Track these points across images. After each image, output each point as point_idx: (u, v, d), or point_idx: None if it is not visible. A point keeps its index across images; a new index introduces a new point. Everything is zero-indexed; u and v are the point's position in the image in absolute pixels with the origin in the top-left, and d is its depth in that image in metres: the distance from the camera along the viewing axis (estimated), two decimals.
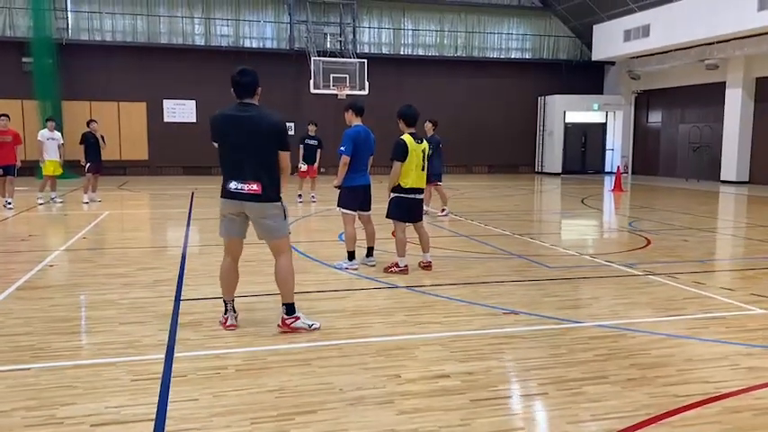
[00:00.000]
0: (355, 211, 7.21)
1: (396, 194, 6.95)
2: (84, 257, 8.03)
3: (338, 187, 7.17)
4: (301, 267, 7.49)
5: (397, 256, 7.01)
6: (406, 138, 6.86)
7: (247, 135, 4.70)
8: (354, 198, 7.13)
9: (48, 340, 4.69)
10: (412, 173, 6.86)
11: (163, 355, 4.37)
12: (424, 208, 12.09)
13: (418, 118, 7.04)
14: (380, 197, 7.56)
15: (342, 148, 6.96)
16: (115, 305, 5.71)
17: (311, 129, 14.70)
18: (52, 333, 4.87)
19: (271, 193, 4.77)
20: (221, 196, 4.87)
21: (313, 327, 4.94)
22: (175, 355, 4.39)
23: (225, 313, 5.07)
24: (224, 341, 4.71)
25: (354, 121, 7.12)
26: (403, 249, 7.02)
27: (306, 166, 14.55)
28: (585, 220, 13.17)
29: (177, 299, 5.92)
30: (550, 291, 6.33)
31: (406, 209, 6.98)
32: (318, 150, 14.55)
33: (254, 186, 4.72)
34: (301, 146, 14.54)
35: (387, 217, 7.10)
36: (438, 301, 5.89)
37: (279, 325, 4.94)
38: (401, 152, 6.77)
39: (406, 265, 7.00)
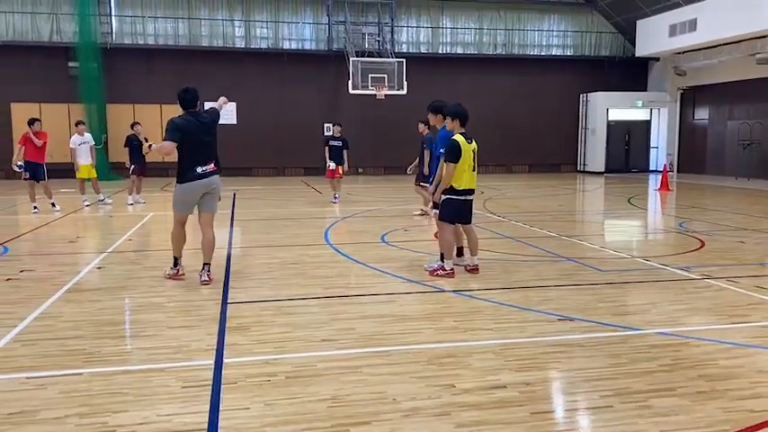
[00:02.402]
0: None
1: (447, 196, 6.79)
2: (130, 259, 8.09)
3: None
4: (349, 270, 7.42)
5: (444, 258, 6.86)
6: (459, 138, 6.70)
7: (206, 133, 6.59)
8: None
9: (98, 344, 4.69)
10: (465, 174, 6.70)
11: (212, 361, 4.32)
12: (424, 209, 11.95)
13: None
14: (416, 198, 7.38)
15: (441, 150, 7.01)
16: (162, 308, 5.70)
17: (336, 130, 14.60)
18: (102, 337, 4.87)
19: (219, 169, 6.73)
20: (188, 180, 6.48)
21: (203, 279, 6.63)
22: (224, 360, 4.34)
23: (175, 266, 6.81)
24: (273, 346, 4.64)
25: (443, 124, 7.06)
26: (450, 252, 6.87)
27: (334, 165, 14.48)
28: (633, 220, 12.80)
29: (224, 302, 5.89)
30: (604, 296, 6.11)
31: (457, 210, 6.81)
32: (345, 151, 14.40)
33: (213, 165, 6.61)
34: (326, 147, 14.50)
35: (439, 219, 6.95)
36: (487, 307, 5.73)
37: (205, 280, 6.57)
38: (455, 153, 6.62)
39: (452, 269, 6.84)
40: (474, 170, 6.87)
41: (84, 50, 21.78)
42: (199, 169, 6.47)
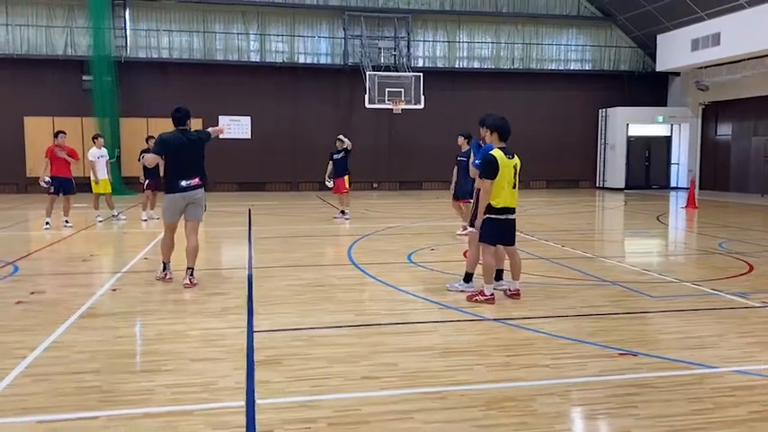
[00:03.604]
0: None
1: (486, 215, 6.33)
2: (146, 280, 7.64)
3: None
4: (380, 295, 6.96)
5: (484, 282, 6.38)
6: (497, 153, 6.26)
7: (192, 149, 7.14)
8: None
9: (115, 380, 4.23)
10: (503, 191, 6.25)
11: (243, 403, 3.86)
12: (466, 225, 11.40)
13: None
14: (448, 214, 6.92)
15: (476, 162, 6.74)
16: (184, 337, 5.26)
17: (339, 144, 14.04)
18: (120, 372, 4.41)
19: (204, 183, 7.26)
20: (173, 192, 7.04)
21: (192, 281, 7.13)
22: (257, 402, 3.88)
23: (164, 270, 7.35)
24: (309, 384, 4.18)
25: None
26: (491, 276, 6.39)
27: (332, 182, 13.99)
28: (668, 240, 12.28)
29: (249, 330, 5.43)
30: (662, 326, 5.62)
31: (498, 231, 6.35)
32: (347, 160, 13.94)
33: (197, 180, 7.13)
34: (330, 162, 13.99)
35: (479, 240, 6.48)
36: (538, 338, 5.24)
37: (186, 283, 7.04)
38: (492, 169, 6.18)
39: (492, 294, 6.36)
40: (514, 187, 6.41)
41: (99, 64, 21.56)
42: (183, 182, 7.04)
